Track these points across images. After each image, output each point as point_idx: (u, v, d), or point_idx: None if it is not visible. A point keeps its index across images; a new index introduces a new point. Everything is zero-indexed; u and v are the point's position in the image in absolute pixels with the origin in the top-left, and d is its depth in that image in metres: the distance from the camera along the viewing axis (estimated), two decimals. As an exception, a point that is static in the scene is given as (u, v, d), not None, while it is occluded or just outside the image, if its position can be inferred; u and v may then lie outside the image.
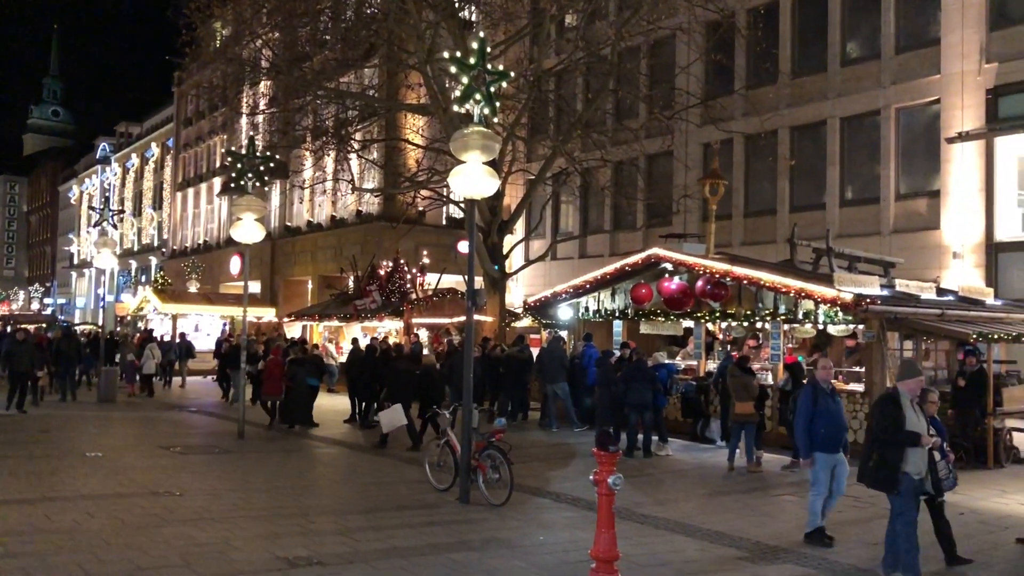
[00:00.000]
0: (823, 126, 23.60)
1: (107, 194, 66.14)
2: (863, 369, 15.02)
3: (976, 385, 13.95)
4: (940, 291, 16.94)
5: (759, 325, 16.95)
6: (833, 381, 15.55)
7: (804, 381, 13.80)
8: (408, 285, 25.93)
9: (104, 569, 7.30)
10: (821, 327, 15.86)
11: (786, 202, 24.35)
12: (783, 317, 15.85)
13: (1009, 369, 16.30)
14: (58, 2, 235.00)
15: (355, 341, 21.65)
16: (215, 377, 24.02)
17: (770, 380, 15.56)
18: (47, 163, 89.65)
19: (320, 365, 19.83)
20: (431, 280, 26.67)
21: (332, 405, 20.15)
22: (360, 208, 34.13)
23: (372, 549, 8.21)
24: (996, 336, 14.41)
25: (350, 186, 26.97)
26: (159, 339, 27.63)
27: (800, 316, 15.63)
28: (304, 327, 29.99)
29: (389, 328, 26.16)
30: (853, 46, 23.53)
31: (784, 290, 15.26)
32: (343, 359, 24.09)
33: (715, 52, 23.36)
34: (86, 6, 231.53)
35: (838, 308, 14.53)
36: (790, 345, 17.13)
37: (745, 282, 15.99)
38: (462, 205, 21.64)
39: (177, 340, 29.40)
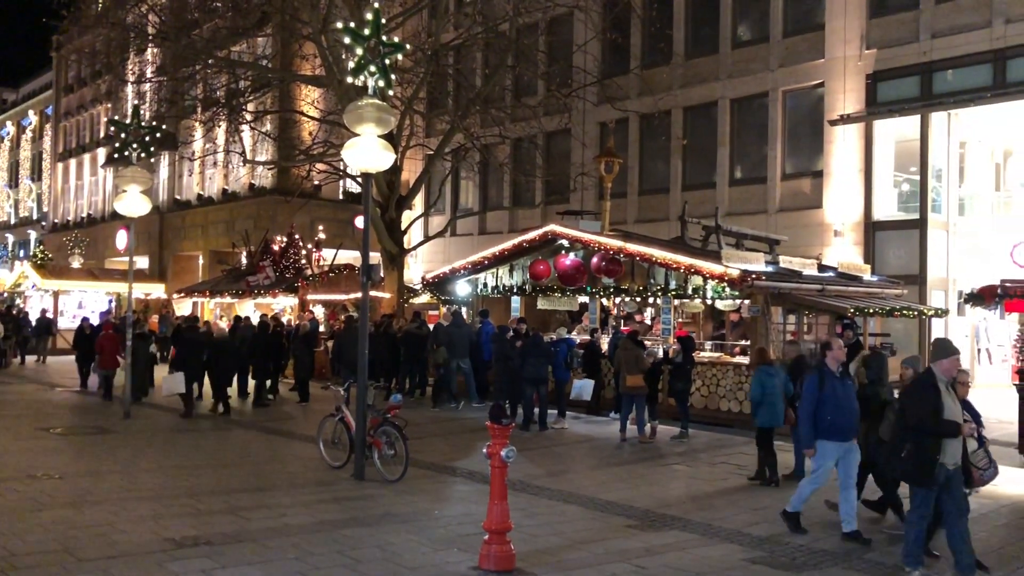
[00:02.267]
0: (714, 107, 24.23)
1: (-20, 164, 62.41)
2: (748, 342, 15.60)
3: (852, 358, 14.65)
4: (821, 267, 17.71)
5: (651, 300, 17.37)
6: (720, 354, 16.22)
7: (693, 353, 14.29)
8: (303, 261, 25.45)
9: (-25, 556, 6.98)
10: (709, 302, 16.36)
11: (678, 181, 24.96)
12: (674, 292, 16.28)
13: (884, 342, 17.18)
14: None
15: (237, 319, 21.19)
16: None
17: (660, 354, 15.97)
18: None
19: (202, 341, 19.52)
20: (327, 256, 26.24)
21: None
22: (253, 181, 33.25)
23: (262, 527, 8.09)
24: (872, 310, 15.20)
25: (242, 158, 26.22)
26: (15, 314, 26.77)
27: (690, 292, 16.09)
28: (195, 304, 29.10)
29: (284, 304, 25.64)
30: (743, 29, 24.20)
31: (675, 266, 15.69)
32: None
33: (612, 31, 23.64)
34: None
35: (725, 284, 15.03)
36: (680, 320, 17.64)
37: (638, 259, 16.36)
38: (358, 179, 21.34)
39: (37, 316, 28.47)
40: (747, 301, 15.35)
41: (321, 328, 22.84)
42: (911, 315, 16.84)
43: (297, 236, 25.93)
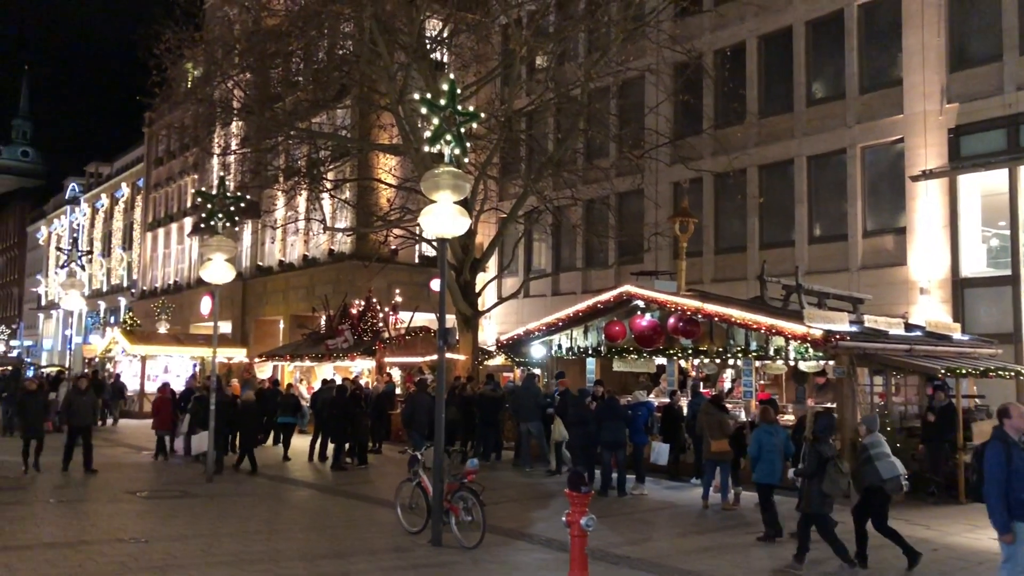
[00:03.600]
0: (790, 165, 23.96)
1: (76, 235, 65.45)
2: (835, 405, 15.10)
3: (946, 420, 14.08)
4: (908, 327, 17.13)
5: (731, 362, 17.02)
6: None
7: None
8: (380, 324, 25.80)
9: (64, 620, 7.10)
10: (792, 363, 15.95)
11: (756, 239, 24.62)
12: (754, 354, 15.92)
13: (978, 403, 16.46)
14: (28, 43, 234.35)
15: (324, 381, 21.46)
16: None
17: (743, 417, 15.58)
18: (15, 204, 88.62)
19: (296, 404, 21.25)
20: (404, 318, 26.56)
21: (304, 446, 19.89)
22: (332, 247, 34.04)
23: (342, 595, 8.05)
24: (964, 371, 14.57)
25: (322, 225, 26.93)
26: (101, 379, 27.83)
27: (771, 352, 15.71)
28: (276, 367, 29.68)
29: (362, 368, 25.96)
30: (818, 86, 24.01)
31: (755, 327, 15.36)
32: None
33: (683, 92, 23.73)
34: (56, 47, 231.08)
35: (808, 344, 14.63)
36: (762, 382, 17.22)
37: (716, 319, 16.08)
38: (434, 244, 21.69)
39: (111, 380, 29.48)
40: (832, 362, 14.90)
41: (398, 391, 23.03)
42: (1007, 375, 16.09)
43: (375, 300, 26.35)
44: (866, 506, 9.58)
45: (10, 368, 40.31)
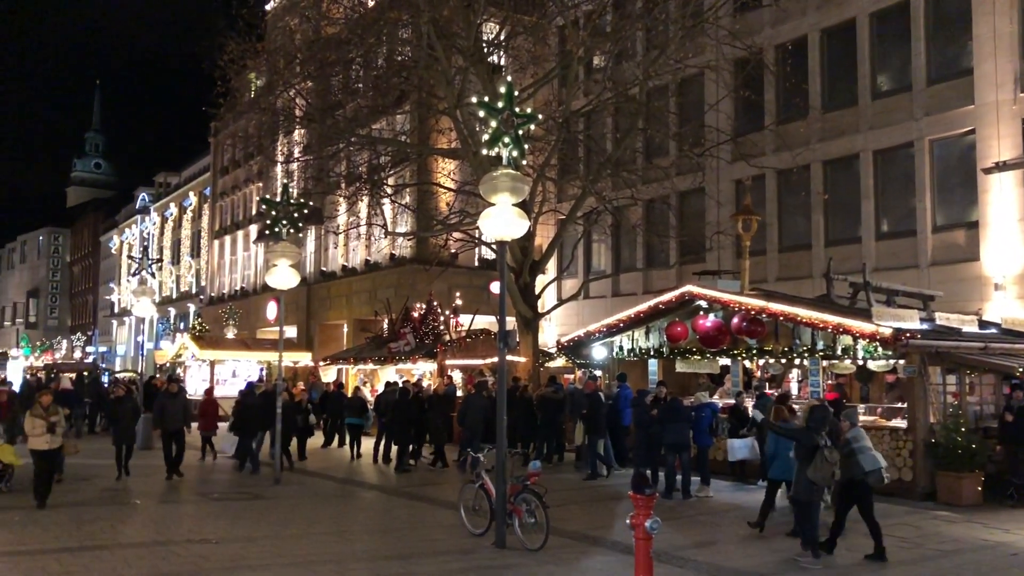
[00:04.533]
0: (856, 160, 23.43)
1: (146, 243, 67.36)
2: (905, 405, 14.71)
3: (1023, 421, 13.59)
4: (983, 324, 16.61)
5: (797, 361, 16.71)
6: (875, 418, 15.35)
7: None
8: (441, 327, 25.98)
9: (140, 619, 7.29)
10: (861, 363, 15.58)
11: (821, 236, 24.12)
12: (821, 353, 15.61)
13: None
14: (99, 59, 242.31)
15: (388, 384, 21.67)
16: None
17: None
18: (89, 214, 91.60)
19: (363, 406, 21.71)
20: (464, 321, 26.69)
21: (366, 448, 20.12)
22: (393, 252, 34.39)
23: (407, 596, 8.11)
24: (1043, 369, 14.05)
25: (383, 230, 27.22)
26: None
27: (839, 352, 15.39)
28: (340, 370, 30.11)
29: (424, 370, 26.17)
30: (884, 79, 23.43)
31: (821, 326, 15.05)
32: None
33: (744, 88, 23.36)
34: (126, 62, 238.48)
35: (877, 343, 14.28)
36: (830, 381, 16.87)
37: (781, 318, 15.80)
38: (493, 247, 21.76)
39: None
40: (902, 361, 14.52)
41: (459, 393, 23.14)
42: (1089, 373, 15.47)
43: (435, 303, 26.54)
44: (847, 497, 9.99)
45: (87, 373, 41.69)
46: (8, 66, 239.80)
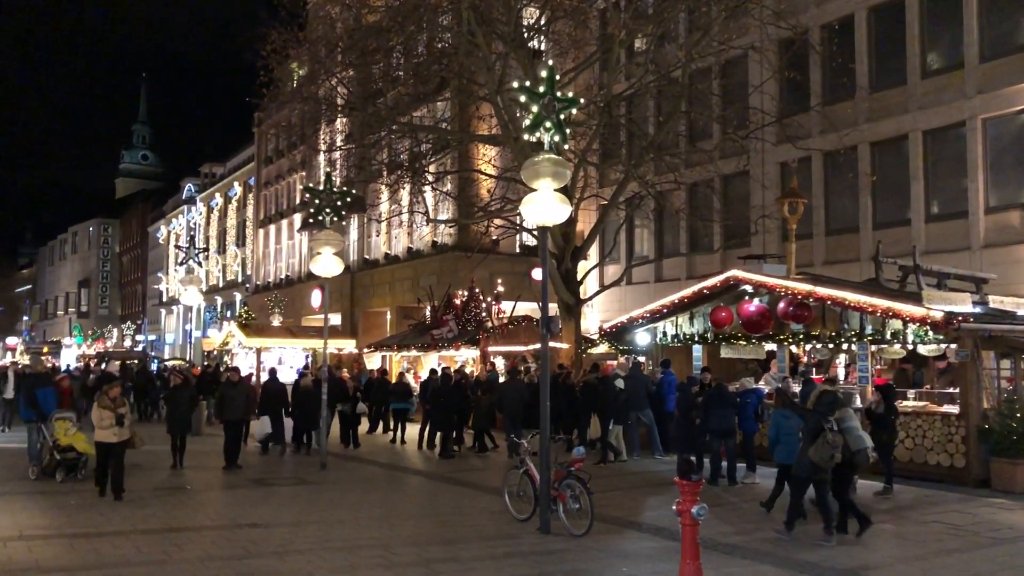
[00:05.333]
0: (905, 140, 22.91)
1: (192, 233, 68.43)
2: (957, 390, 14.41)
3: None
4: (1038, 307, 16.17)
5: (844, 346, 16.45)
6: (926, 403, 15.07)
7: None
8: (483, 314, 26.01)
9: (191, 601, 7.42)
10: (911, 347, 15.29)
11: (868, 219, 23.65)
12: (870, 338, 15.34)
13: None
14: (145, 52, 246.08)
15: (432, 371, 21.78)
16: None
17: (858, 403, 15.03)
18: (137, 205, 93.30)
19: (408, 391, 21.87)
20: (506, 308, 26.70)
21: (411, 434, 20.28)
22: (435, 239, 34.50)
23: (453, 581, 8.16)
24: (1102, 353, 13.66)
25: (425, 218, 27.31)
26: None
27: (888, 336, 15.10)
28: (383, 357, 30.34)
29: (467, 357, 26.25)
30: (934, 57, 22.85)
31: (870, 310, 14.79)
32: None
33: (789, 69, 22.95)
34: (171, 54, 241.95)
35: (928, 327, 14.00)
36: (878, 366, 16.58)
37: (829, 303, 15.55)
38: (535, 233, 21.70)
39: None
40: (954, 345, 14.21)
41: (501, 379, 23.17)
42: None
43: (477, 290, 26.58)
44: (840, 477, 10.16)
45: (136, 361, 42.52)
46: (57, 62, 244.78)
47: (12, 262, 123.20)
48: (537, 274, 27.20)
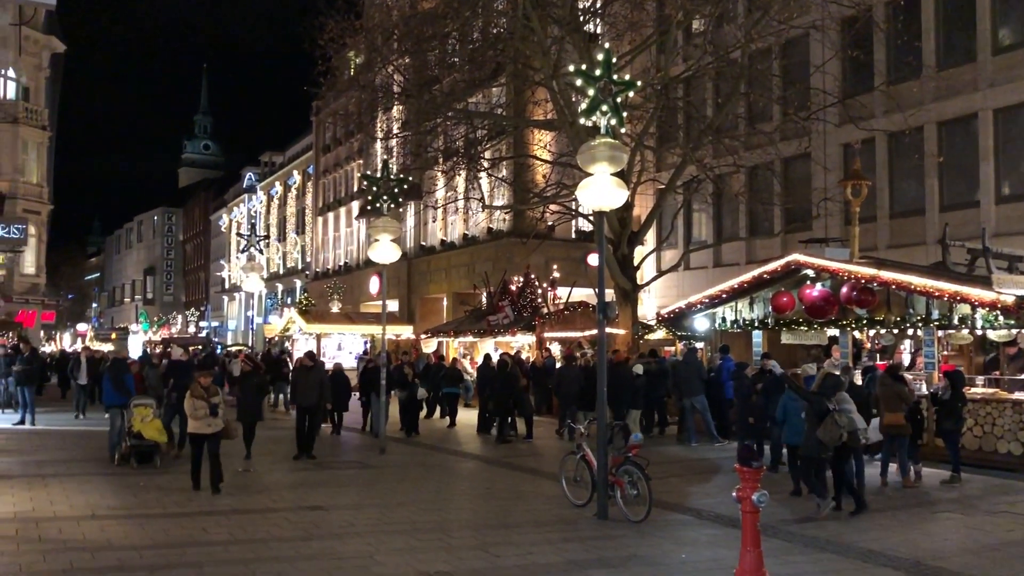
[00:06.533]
0: (974, 119, 22.20)
1: (253, 221, 69.61)
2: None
3: None
4: (1115, 290, 15.55)
5: (910, 332, 16.05)
6: (995, 390, 14.64)
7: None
8: (539, 299, 26.00)
9: (256, 581, 7.59)
10: (980, 332, 14.85)
11: (935, 201, 23.01)
12: (936, 323, 14.94)
13: None
14: (205, 43, 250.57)
15: (487, 356, 21.86)
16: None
17: (924, 390, 14.67)
18: (200, 194, 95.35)
19: (459, 376, 22.00)
20: (562, 294, 26.65)
21: (470, 419, 20.40)
22: (491, 225, 34.56)
23: (511, 565, 8.20)
24: None
25: (481, 204, 27.36)
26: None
27: (955, 321, 14.69)
28: (440, 343, 30.56)
29: (523, 343, 26.29)
30: (1006, 33, 22.06)
31: (937, 294, 14.40)
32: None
33: (852, 48, 22.39)
34: (231, 45, 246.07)
35: (998, 312, 13.58)
36: (945, 352, 16.16)
37: (894, 287, 15.19)
38: (591, 218, 21.56)
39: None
40: (1025, 331, 13.77)
41: (558, 365, 23.16)
42: None
43: (533, 276, 26.57)
44: (837, 457, 10.58)
45: (201, 348, 43.50)
46: (121, 55, 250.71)
47: (81, 251, 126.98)
48: (593, 260, 27.12)
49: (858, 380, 15.39)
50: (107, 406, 14.80)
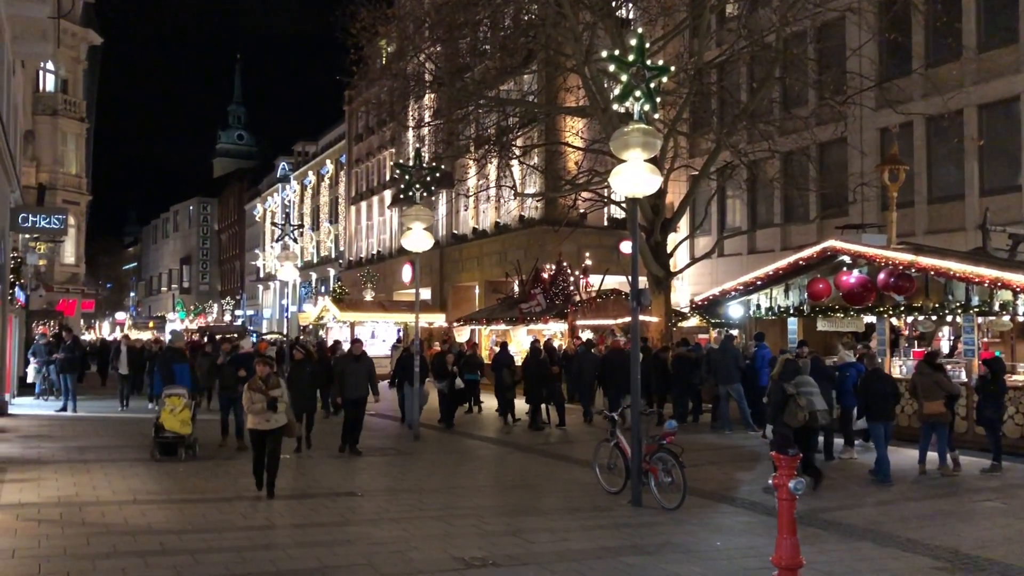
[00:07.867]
0: (1016, 102, 21.78)
1: (287, 210, 70.22)
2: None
3: None
4: None
5: (948, 319, 15.82)
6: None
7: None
8: (572, 287, 25.97)
9: (294, 565, 7.68)
10: (1021, 319, 14.60)
11: (975, 186, 22.62)
12: (976, 309, 14.70)
13: None
14: (239, 34, 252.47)
15: (503, 345, 21.85)
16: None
17: (963, 377, 14.46)
18: (234, 184, 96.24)
19: (480, 363, 21.83)
20: (594, 281, 26.59)
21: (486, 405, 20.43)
22: (523, 213, 34.53)
23: (546, 551, 8.22)
24: None
25: (512, 192, 27.34)
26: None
27: (996, 308, 14.45)
28: (472, 331, 30.66)
29: (555, 330, 26.28)
30: (1049, 12, 21.58)
31: (977, 280, 14.17)
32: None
33: (889, 31, 22.02)
34: (264, 36, 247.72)
35: (1041, 298, 13.33)
36: (985, 339, 15.91)
37: (932, 273, 14.97)
38: (623, 205, 21.46)
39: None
40: (1068, 317, 13.51)
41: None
42: None
43: (565, 264, 26.54)
44: (800, 436, 10.83)
45: (236, 336, 44.01)
46: (156, 47, 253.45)
47: (118, 241, 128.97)
48: (626, 247, 27.03)
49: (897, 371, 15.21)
50: (158, 397, 14.97)
